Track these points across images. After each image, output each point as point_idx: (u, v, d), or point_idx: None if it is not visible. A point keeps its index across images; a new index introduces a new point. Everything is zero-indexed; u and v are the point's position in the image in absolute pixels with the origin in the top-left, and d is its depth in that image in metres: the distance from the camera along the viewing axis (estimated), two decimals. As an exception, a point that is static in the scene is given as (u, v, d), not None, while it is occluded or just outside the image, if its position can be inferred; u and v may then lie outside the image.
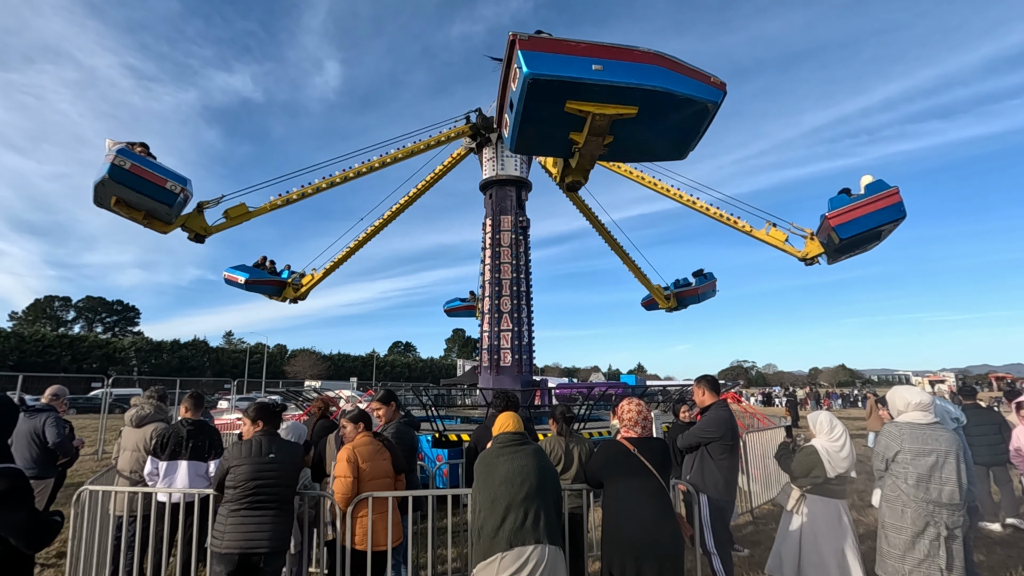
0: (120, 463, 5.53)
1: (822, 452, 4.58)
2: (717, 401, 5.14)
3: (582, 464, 4.74)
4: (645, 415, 3.90)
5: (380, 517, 4.22)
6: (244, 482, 3.87)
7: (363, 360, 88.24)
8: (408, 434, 5.54)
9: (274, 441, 4.12)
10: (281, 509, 4.00)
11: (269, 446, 4.04)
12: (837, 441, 4.59)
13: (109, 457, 9.90)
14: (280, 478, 4.00)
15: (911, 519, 3.83)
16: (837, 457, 4.53)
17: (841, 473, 4.54)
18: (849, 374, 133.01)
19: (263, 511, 3.89)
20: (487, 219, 14.35)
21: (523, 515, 3.24)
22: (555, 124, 6.20)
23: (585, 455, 4.81)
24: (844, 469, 4.53)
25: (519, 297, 13.64)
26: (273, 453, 4.02)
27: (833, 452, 4.55)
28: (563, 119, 6.04)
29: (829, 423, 4.68)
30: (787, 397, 32.18)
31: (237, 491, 3.87)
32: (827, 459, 4.54)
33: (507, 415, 3.78)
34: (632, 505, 3.51)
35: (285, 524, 4.03)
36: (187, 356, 70.05)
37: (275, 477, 3.96)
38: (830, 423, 4.68)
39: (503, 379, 13.02)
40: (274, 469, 3.97)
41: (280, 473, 4.00)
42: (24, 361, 53.43)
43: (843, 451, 4.55)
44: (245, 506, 3.86)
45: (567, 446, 4.85)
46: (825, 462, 4.54)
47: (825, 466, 4.53)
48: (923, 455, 3.86)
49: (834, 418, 4.76)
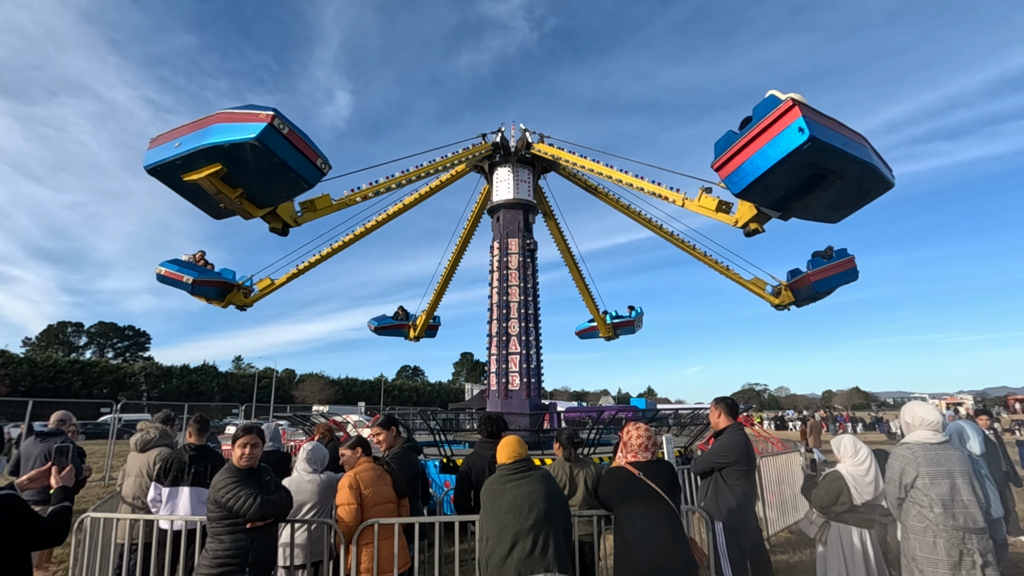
0: (124, 489, 5.47)
1: (847, 477, 4.44)
2: (732, 424, 5.01)
3: (588, 489, 4.59)
4: (653, 439, 3.81)
5: (386, 543, 4.12)
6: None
7: (371, 384, 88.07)
8: (411, 459, 5.42)
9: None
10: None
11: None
12: (862, 465, 4.45)
13: (115, 483, 9.88)
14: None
15: (945, 550, 3.61)
16: (863, 482, 4.40)
17: (869, 500, 4.37)
18: (864, 397, 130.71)
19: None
20: (494, 242, 14.37)
21: (532, 543, 3.14)
22: (202, 194, 7.28)
23: (591, 480, 4.65)
24: (870, 495, 4.37)
25: (527, 320, 13.56)
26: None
27: (858, 476, 4.42)
28: (202, 188, 7.07)
29: (853, 446, 4.56)
30: (802, 420, 31.58)
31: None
32: (853, 484, 4.41)
33: (511, 440, 3.69)
34: (643, 531, 3.40)
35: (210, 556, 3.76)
36: (196, 381, 70.24)
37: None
38: (854, 446, 4.56)
39: (512, 403, 12.86)
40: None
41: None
42: (36, 387, 53.80)
43: (868, 475, 4.41)
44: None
45: (571, 471, 4.68)
46: (851, 488, 4.40)
47: (852, 492, 4.38)
48: (940, 477, 3.70)
49: (858, 441, 4.64)
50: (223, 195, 7.29)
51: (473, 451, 5.68)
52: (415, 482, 5.28)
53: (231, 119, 6.43)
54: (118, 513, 5.15)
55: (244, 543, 3.65)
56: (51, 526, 2.83)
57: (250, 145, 6.24)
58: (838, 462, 4.65)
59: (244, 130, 6.21)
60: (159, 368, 70.00)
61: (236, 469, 3.77)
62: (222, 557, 3.61)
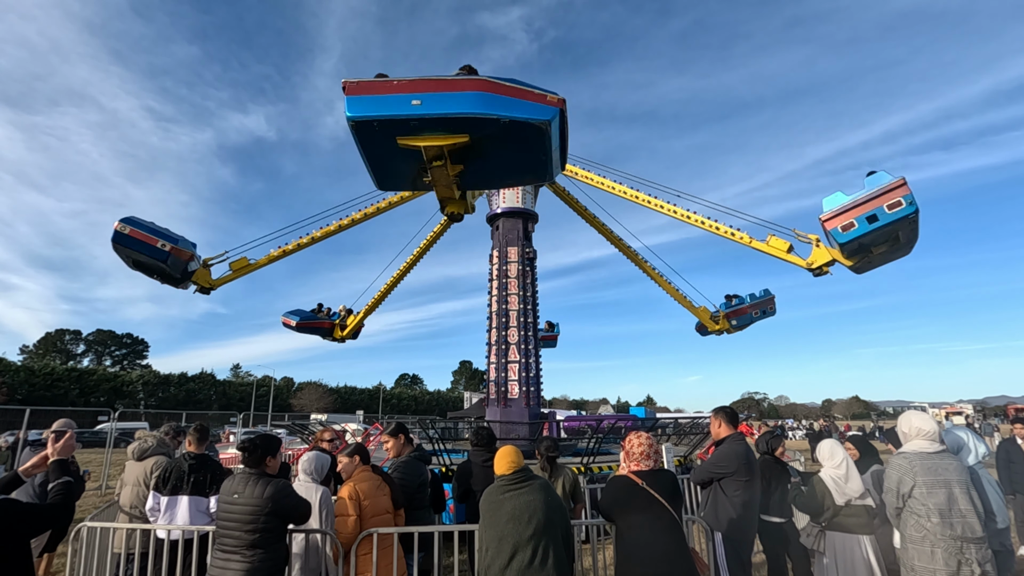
0: (122, 498, 5.44)
1: (828, 481, 4.59)
2: (733, 434, 5.00)
3: (566, 493, 4.98)
4: (655, 448, 3.81)
5: (384, 553, 4.10)
6: (218, 521, 3.79)
7: (370, 393, 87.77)
8: (418, 468, 5.38)
9: (248, 480, 3.84)
10: (244, 555, 3.64)
11: (238, 485, 3.81)
12: (839, 468, 4.60)
13: (113, 493, 9.87)
14: (237, 521, 3.68)
15: (943, 560, 3.61)
16: (842, 484, 4.53)
17: (853, 500, 4.44)
18: (863, 406, 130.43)
19: (228, 555, 3.68)
20: (494, 251, 14.41)
21: (532, 553, 3.13)
22: (402, 160, 6.14)
23: (568, 484, 5.00)
24: (855, 493, 4.45)
25: (526, 328, 13.55)
26: (238, 492, 3.76)
27: (838, 478, 4.55)
28: (408, 155, 5.97)
29: (830, 451, 4.70)
30: (807, 431, 31.53)
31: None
32: (833, 487, 4.53)
33: (508, 450, 3.69)
34: (644, 542, 3.38)
35: (253, 570, 3.64)
36: (194, 389, 69.95)
37: (232, 519, 3.70)
38: (831, 451, 4.70)
39: (511, 412, 12.82)
40: (231, 511, 3.73)
41: (236, 515, 3.70)
42: (33, 395, 53.55)
43: (848, 477, 4.55)
44: (217, 548, 3.74)
45: (549, 479, 4.94)
46: (832, 490, 4.52)
47: (833, 494, 4.49)
48: (937, 486, 3.71)
49: (836, 445, 4.77)
50: (441, 171, 6.29)
51: (466, 460, 5.97)
52: (420, 491, 5.25)
53: (508, 92, 5.76)
54: (115, 522, 5.13)
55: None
56: (51, 509, 2.95)
57: (534, 128, 5.68)
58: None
59: (535, 111, 5.68)
60: (157, 376, 69.71)
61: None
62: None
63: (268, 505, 3.70)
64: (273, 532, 3.75)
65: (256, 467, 3.92)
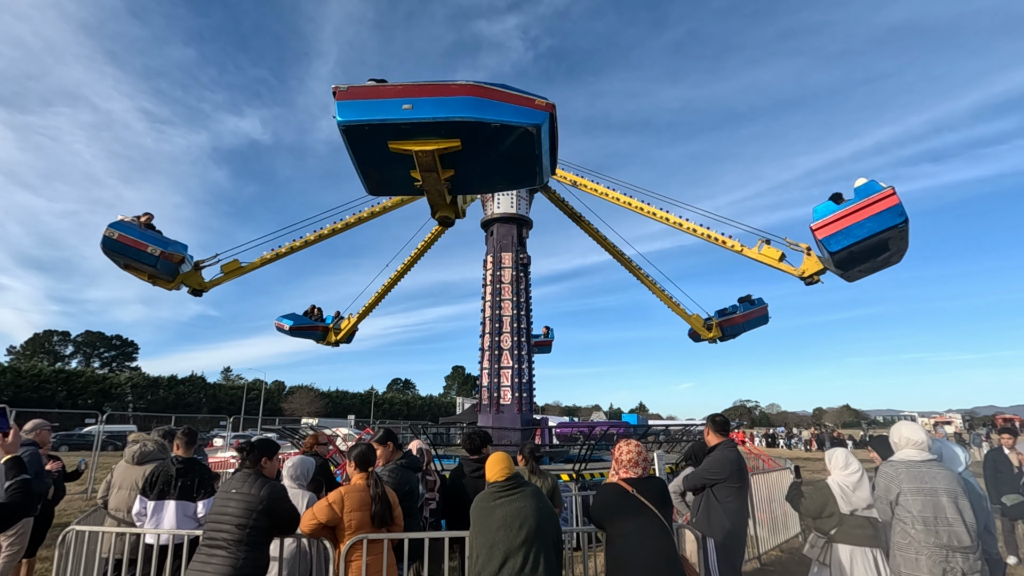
0: (112, 502, 5.36)
1: (835, 487, 4.46)
2: (724, 441, 5.02)
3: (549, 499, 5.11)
4: (644, 455, 3.81)
5: (374, 560, 4.05)
6: (210, 516, 3.81)
7: (361, 397, 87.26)
8: (404, 476, 5.35)
9: (246, 478, 3.90)
10: (229, 551, 3.66)
11: (236, 482, 3.88)
12: (852, 476, 4.48)
13: (97, 496, 9.73)
14: (231, 515, 3.73)
15: (927, 567, 3.65)
16: (851, 493, 4.42)
17: (860, 510, 4.36)
18: (854, 414, 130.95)
19: (211, 551, 3.71)
20: (488, 256, 14.42)
21: (522, 560, 3.12)
22: (393, 165, 6.16)
23: (548, 489, 4.99)
24: (862, 503, 4.37)
25: (519, 334, 13.56)
26: (235, 488, 3.84)
27: (847, 488, 4.44)
28: (399, 160, 6.01)
29: (844, 459, 4.58)
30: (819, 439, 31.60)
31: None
32: (840, 495, 4.42)
33: (499, 457, 3.68)
34: (635, 549, 3.39)
35: (236, 568, 3.64)
36: (184, 392, 69.29)
37: (226, 514, 3.75)
38: (845, 459, 4.58)
39: (503, 417, 12.81)
40: (226, 507, 3.77)
41: (230, 511, 3.75)
42: (19, 396, 52.82)
43: (859, 487, 4.44)
44: (203, 544, 3.76)
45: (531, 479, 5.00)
46: (838, 497, 4.41)
47: (838, 501, 4.39)
48: (923, 494, 3.74)
49: (850, 454, 4.66)
50: (431, 175, 6.28)
51: (458, 466, 5.84)
52: (407, 499, 5.21)
53: (498, 97, 5.75)
54: (102, 527, 5.06)
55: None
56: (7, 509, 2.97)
57: (523, 132, 5.68)
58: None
59: (525, 115, 5.68)
60: (146, 379, 68.97)
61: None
62: None
63: (263, 504, 3.78)
64: (261, 533, 3.80)
65: (253, 468, 4.01)
